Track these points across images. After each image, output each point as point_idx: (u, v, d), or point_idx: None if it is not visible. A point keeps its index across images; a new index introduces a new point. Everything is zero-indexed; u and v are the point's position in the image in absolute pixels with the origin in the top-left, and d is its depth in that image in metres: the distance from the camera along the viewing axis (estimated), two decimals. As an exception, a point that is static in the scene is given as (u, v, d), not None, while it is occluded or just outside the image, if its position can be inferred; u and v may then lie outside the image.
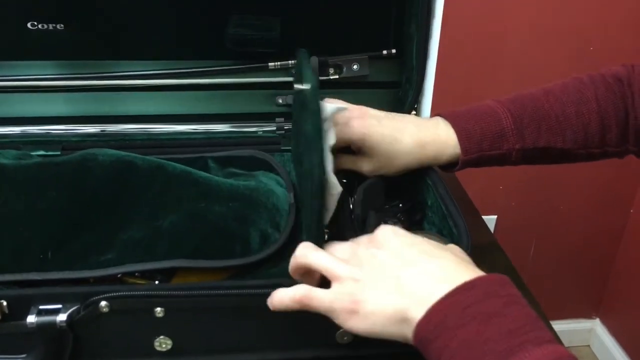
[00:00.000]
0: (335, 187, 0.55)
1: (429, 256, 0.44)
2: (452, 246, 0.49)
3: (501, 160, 0.65)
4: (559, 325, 1.72)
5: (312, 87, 0.52)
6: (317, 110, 0.50)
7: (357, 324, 0.43)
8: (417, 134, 0.64)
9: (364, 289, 0.43)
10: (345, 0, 0.80)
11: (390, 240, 0.46)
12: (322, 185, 0.50)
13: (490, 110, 0.64)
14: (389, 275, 0.43)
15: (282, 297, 0.47)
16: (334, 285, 0.45)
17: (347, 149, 0.66)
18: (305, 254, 0.47)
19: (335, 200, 0.56)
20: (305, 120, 0.54)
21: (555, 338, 0.39)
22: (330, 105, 0.59)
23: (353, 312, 0.43)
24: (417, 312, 0.40)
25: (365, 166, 0.66)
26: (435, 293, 0.40)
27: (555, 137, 0.63)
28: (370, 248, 0.46)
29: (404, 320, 0.42)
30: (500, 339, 0.37)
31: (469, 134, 0.63)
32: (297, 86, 0.57)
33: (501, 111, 0.63)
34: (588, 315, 1.79)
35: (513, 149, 0.63)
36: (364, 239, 0.48)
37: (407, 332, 0.42)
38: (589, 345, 1.82)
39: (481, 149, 0.63)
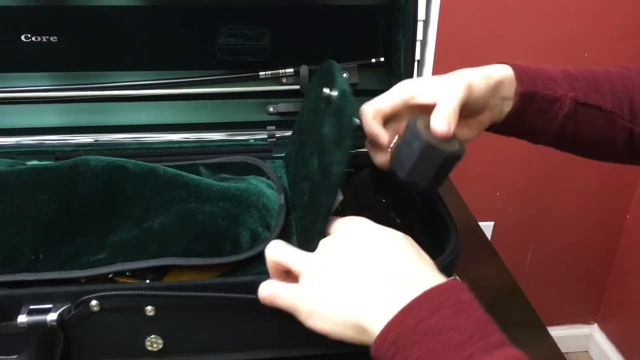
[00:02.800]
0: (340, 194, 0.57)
1: (387, 261, 0.44)
2: (406, 241, 0.48)
3: (553, 108, 0.60)
4: (556, 331, 1.72)
5: (346, 92, 0.55)
6: (350, 115, 0.53)
7: (316, 325, 0.44)
8: (481, 71, 0.59)
9: (325, 290, 0.44)
10: (334, 10, 0.81)
11: (353, 239, 0.47)
12: (340, 183, 0.52)
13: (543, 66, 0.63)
14: (349, 280, 0.44)
15: (258, 295, 0.48)
16: (299, 282, 0.46)
17: None
18: (271, 251, 0.48)
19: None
20: (324, 123, 0.58)
21: (507, 339, 0.39)
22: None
23: (312, 313, 0.44)
24: (374, 326, 0.41)
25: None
26: (389, 309, 0.41)
27: (604, 98, 0.61)
28: (334, 247, 0.47)
29: (361, 329, 0.42)
30: (450, 354, 0.37)
31: (523, 69, 0.60)
32: (325, 91, 0.59)
33: (549, 66, 0.62)
34: (586, 321, 1.79)
35: (567, 96, 0.60)
36: (333, 236, 0.48)
37: (365, 341, 0.42)
38: (587, 351, 1.82)
39: (535, 85, 0.59)
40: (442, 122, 0.53)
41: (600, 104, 0.60)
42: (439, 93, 0.55)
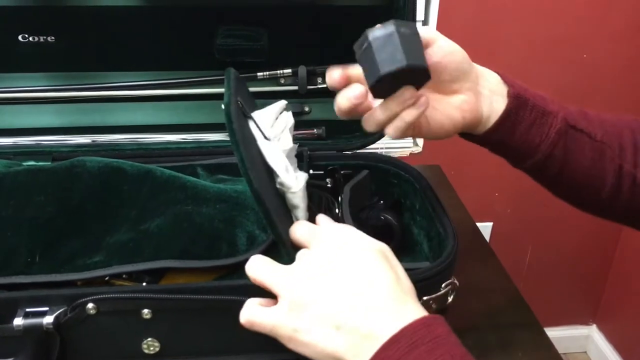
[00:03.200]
0: (293, 185, 0.57)
1: (364, 291, 0.43)
2: (385, 263, 0.46)
3: (546, 121, 0.56)
4: (555, 332, 1.72)
5: (225, 104, 0.55)
6: (230, 126, 0.52)
7: (297, 349, 0.44)
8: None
9: (303, 319, 0.43)
10: (331, 10, 0.81)
11: (331, 260, 0.45)
12: (258, 193, 0.50)
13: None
14: (326, 311, 0.43)
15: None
16: (277, 304, 0.45)
17: None
18: (250, 269, 0.47)
19: (300, 197, 0.58)
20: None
21: None
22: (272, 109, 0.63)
23: (292, 339, 0.44)
24: None
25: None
26: (368, 346, 0.41)
27: (593, 128, 0.57)
28: (312, 267, 0.45)
29: None
30: None
31: (508, 76, 0.57)
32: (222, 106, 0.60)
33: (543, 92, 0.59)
34: (585, 322, 1.79)
35: (558, 113, 0.56)
36: (311, 253, 0.47)
37: None
38: (585, 352, 1.81)
39: (526, 92, 0.56)
40: None
41: (590, 132, 0.57)
42: None
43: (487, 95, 0.56)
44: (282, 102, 0.66)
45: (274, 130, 0.63)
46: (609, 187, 0.58)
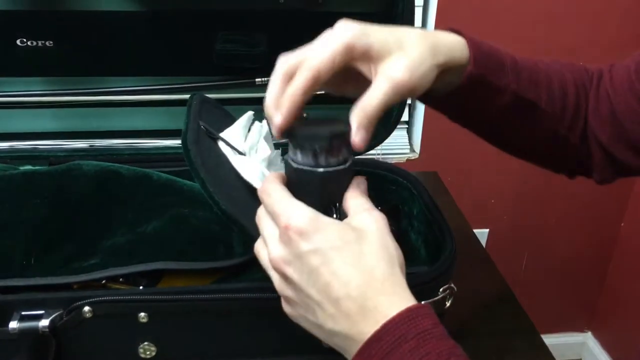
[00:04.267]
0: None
1: (351, 281, 0.39)
2: (378, 244, 0.41)
3: (493, 98, 0.54)
4: (550, 339, 1.70)
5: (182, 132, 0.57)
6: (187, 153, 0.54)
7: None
8: (425, 34, 0.48)
9: (295, 307, 0.42)
10: (330, 16, 0.81)
11: (325, 251, 0.39)
12: (228, 213, 0.52)
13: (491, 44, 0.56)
14: (317, 309, 0.40)
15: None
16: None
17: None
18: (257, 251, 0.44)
19: None
20: None
21: None
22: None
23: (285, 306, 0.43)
24: (348, 355, 0.40)
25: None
26: (352, 344, 0.38)
27: (540, 94, 0.56)
28: (305, 256, 0.40)
29: (342, 349, 0.40)
30: None
31: (478, 46, 0.52)
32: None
33: (500, 48, 0.57)
34: (580, 329, 1.79)
35: (509, 87, 0.54)
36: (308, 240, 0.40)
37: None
38: (580, 359, 1.81)
39: (486, 67, 0.52)
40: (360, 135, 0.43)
41: (536, 100, 0.56)
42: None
43: (445, 78, 0.50)
44: (249, 114, 0.68)
45: (248, 142, 0.63)
46: (541, 146, 0.60)
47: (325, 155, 0.43)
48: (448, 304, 0.59)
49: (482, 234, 1.54)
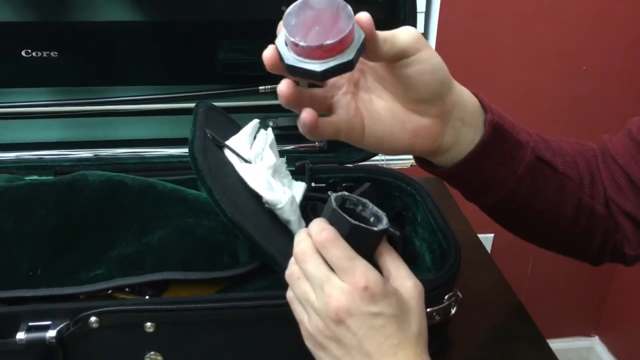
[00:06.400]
0: (279, 202, 0.58)
1: (397, 350, 0.43)
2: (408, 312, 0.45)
3: (518, 154, 0.51)
4: (557, 344, 1.70)
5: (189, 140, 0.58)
6: (194, 162, 0.55)
7: None
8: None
9: (332, 346, 0.44)
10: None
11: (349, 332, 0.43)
12: (234, 221, 0.53)
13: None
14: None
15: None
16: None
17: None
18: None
19: (289, 211, 0.59)
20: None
21: None
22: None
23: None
24: None
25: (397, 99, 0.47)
26: None
27: (555, 158, 0.54)
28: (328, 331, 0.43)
29: None
30: None
31: (489, 104, 0.51)
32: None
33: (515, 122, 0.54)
34: (587, 333, 1.78)
35: (529, 144, 0.52)
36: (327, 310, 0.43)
37: None
38: (588, 364, 1.81)
39: (502, 119, 0.50)
40: None
41: (553, 163, 0.54)
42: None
43: (456, 126, 0.48)
44: (255, 122, 0.68)
45: (254, 150, 0.64)
46: (567, 220, 0.56)
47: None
48: (453, 310, 0.59)
49: (487, 238, 1.53)
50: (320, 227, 0.44)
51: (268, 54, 0.44)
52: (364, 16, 0.41)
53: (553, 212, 0.55)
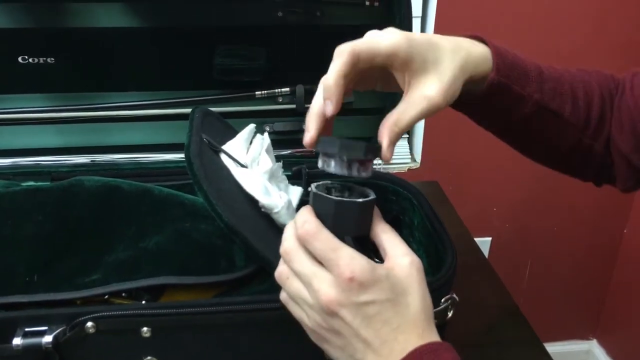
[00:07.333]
0: (275, 206, 0.58)
1: (397, 334, 0.43)
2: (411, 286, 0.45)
3: (515, 106, 0.55)
4: (555, 347, 1.71)
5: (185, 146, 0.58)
6: (190, 167, 0.55)
7: None
8: (458, 50, 0.51)
9: (333, 338, 0.44)
10: (329, 29, 0.82)
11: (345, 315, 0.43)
12: (230, 225, 0.53)
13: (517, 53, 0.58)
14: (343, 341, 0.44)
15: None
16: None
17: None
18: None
19: (285, 215, 0.59)
20: None
21: None
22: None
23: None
24: None
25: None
26: None
27: (564, 105, 0.57)
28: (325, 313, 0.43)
29: None
30: None
31: (502, 55, 0.54)
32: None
33: (525, 57, 0.58)
34: (585, 337, 1.78)
35: (532, 96, 0.55)
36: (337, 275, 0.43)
37: None
38: (586, 367, 1.81)
39: (509, 77, 0.54)
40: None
41: (560, 111, 0.57)
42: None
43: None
44: (251, 126, 0.68)
45: (250, 155, 0.64)
46: (562, 155, 0.60)
47: (358, 169, 0.46)
48: (450, 314, 0.59)
49: (484, 242, 1.54)
50: (302, 220, 0.44)
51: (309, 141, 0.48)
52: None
53: (551, 149, 0.60)
